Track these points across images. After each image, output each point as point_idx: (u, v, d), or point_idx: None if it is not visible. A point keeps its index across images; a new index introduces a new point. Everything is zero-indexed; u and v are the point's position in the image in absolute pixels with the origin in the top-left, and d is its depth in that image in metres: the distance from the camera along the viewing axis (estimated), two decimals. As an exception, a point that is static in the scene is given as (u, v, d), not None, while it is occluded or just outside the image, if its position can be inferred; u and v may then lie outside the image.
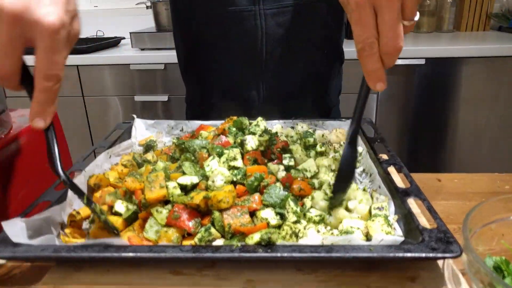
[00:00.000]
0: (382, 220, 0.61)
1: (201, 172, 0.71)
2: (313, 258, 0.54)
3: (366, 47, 0.53)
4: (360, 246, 0.55)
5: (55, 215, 0.66)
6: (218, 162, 0.72)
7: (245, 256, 0.55)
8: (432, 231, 0.57)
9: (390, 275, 0.56)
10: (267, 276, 0.57)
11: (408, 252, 0.54)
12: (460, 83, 2.32)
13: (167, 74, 2.42)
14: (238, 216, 0.61)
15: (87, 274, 0.59)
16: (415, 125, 2.44)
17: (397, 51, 0.53)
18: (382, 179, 0.76)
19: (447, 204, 0.87)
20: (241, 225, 0.60)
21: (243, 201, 0.64)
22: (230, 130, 0.83)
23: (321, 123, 1.05)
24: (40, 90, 0.53)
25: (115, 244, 0.56)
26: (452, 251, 0.53)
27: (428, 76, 2.32)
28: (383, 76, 0.55)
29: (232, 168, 0.72)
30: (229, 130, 0.83)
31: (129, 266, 0.60)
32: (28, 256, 0.56)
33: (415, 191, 0.68)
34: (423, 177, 1.00)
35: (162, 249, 0.56)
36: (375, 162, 0.83)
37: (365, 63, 0.55)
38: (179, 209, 0.62)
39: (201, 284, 0.56)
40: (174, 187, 0.67)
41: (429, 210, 0.63)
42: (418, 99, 2.38)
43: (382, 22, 0.52)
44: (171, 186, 0.67)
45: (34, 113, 0.54)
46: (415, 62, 2.26)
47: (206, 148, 0.78)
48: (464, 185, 0.96)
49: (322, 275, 0.57)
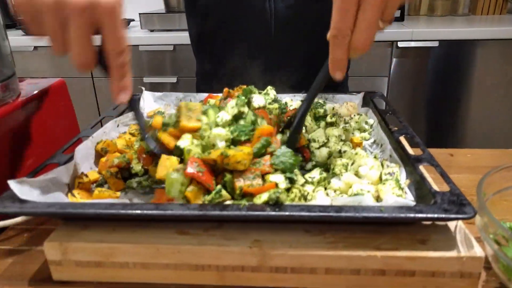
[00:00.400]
0: (393, 183, 0.59)
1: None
2: (322, 217, 0.53)
3: (339, 36, 0.53)
4: (370, 207, 0.54)
5: (62, 176, 0.66)
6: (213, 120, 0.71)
7: (253, 214, 0.54)
8: (445, 193, 0.56)
9: (400, 237, 0.55)
10: (274, 236, 0.56)
11: (420, 212, 0.52)
12: (474, 67, 2.27)
13: (176, 56, 2.41)
14: (251, 179, 0.60)
15: (93, 232, 0.59)
16: (426, 108, 2.40)
17: (365, 49, 0.53)
18: (393, 149, 0.75)
19: (459, 177, 0.85)
20: (250, 185, 0.58)
21: (253, 163, 0.63)
22: (238, 97, 0.82)
23: (332, 97, 1.04)
24: (117, 67, 0.57)
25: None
26: (466, 213, 0.52)
27: (442, 59, 2.27)
28: (345, 67, 0.57)
29: (239, 116, 0.71)
30: (237, 97, 0.82)
31: (135, 226, 0.59)
32: (35, 211, 0.56)
33: (428, 158, 0.67)
34: (434, 152, 0.97)
35: (168, 207, 0.55)
36: (386, 132, 0.81)
37: (333, 51, 0.56)
38: (199, 163, 0.60)
39: (207, 243, 0.55)
40: (206, 123, 0.66)
41: (442, 175, 0.61)
42: (431, 82, 2.33)
43: (363, 18, 0.51)
44: (204, 121, 0.66)
45: (116, 89, 0.59)
46: (428, 44, 2.22)
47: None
48: (476, 160, 0.94)
49: (331, 237, 0.56)
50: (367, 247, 0.54)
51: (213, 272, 0.57)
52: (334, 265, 0.54)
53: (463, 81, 2.30)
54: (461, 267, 0.53)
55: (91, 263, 0.58)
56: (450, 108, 2.37)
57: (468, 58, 2.25)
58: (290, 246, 0.55)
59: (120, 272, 0.58)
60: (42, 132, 0.86)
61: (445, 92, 2.33)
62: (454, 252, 0.52)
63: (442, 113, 2.39)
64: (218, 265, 0.56)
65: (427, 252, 0.53)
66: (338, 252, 0.54)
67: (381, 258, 0.53)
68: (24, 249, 0.68)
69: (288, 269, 0.55)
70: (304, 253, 0.54)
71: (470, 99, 2.32)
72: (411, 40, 2.21)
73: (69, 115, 0.97)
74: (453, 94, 2.34)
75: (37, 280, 0.61)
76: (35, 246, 0.68)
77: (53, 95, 0.90)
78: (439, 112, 2.39)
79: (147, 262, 0.57)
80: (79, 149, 0.74)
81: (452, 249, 0.53)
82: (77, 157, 0.72)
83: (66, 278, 0.60)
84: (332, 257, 0.54)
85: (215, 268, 0.56)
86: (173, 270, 0.57)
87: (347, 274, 0.55)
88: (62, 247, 0.57)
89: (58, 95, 0.92)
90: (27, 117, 0.83)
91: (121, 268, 0.58)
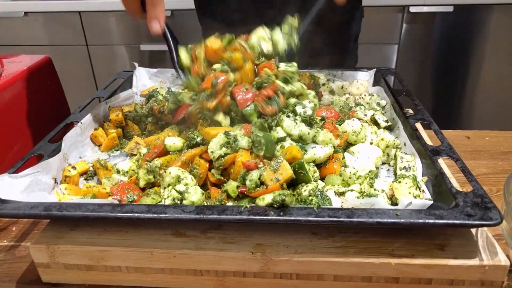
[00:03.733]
0: (410, 182, 0.54)
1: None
2: (331, 222, 0.48)
3: None
4: (385, 210, 0.48)
5: (48, 170, 0.61)
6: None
7: (254, 219, 0.49)
8: (467, 194, 0.50)
9: (416, 242, 0.50)
10: (278, 240, 0.52)
11: (440, 218, 0.47)
12: (488, 34, 2.14)
13: (175, 22, 2.28)
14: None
15: (83, 232, 0.54)
16: (437, 78, 2.30)
17: None
18: (408, 136, 0.68)
19: (477, 164, 0.80)
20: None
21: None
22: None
23: (340, 74, 0.96)
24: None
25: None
26: (491, 219, 0.46)
27: (456, 26, 2.14)
28: None
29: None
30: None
31: (127, 225, 0.55)
32: (17, 213, 0.51)
33: (447, 149, 0.60)
34: (450, 134, 0.91)
35: (162, 210, 0.50)
36: (400, 116, 0.74)
37: None
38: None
39: (205, 248, 0.51)
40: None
41: (463, 171, 0.55)
42: (442, 50, 2.22)
43: None
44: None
45: (149, 17, 0.65)
46: (442, 9, 2.08)
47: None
48: (495, 144, 0.87)
49: (340, 240, 0.51)
50: (380, 254, 0.49)
51: (212, 277, 0.53)
52: (343, 272, 0.50)
53: (475, 49, 2.18)
54: (482, 275, 0.48)
55: (81, 266, 0.54)
56: (461, 77, 2.27)
57: (483, 24, 2.12)
58: (296, 251, 0.50)
59: (113, 276, 0.54)
60: (27, 117, 0.79)
61: (457, 60, 2.22)
62: (476, 260, 0.48)
63: (453, 83, 2.29)
64: (217, 270, 0.52)
65: (446, 260, 0.48)
66: (348, 259, 0.49)
67: (395, 265, 0.48)
68: (11, 245, 0.63)
69: (293, 275, 0.51)
70: (311, 260, 0.49)
71: (481, 67, 2.22)
72: (424, 4, 2.07)
73: (57, 96, 0.90)
74: (465, 62, 2.23)
75: (25, 282, 0.57)
76: (24, 242, 0.64)
77: (38, 74, 0.83)
78: (449, 82, 2.29)
79: (140, 266, 0.53)
80: (67, 137, 0.68)
81: (474, 256, 0.48)
82: (65, 147, 0.66)
83: (56, 281, 0.56)
84: (342, 264, 0.49)
85: (214, 273, 0.52)
86: (169, 274, 0.53)
87: (358, 281, 0.50)
88: (50, 249, 0.53)
89: (44, 73, 0.85)
90: (9, 100, 0.76)
91: (113, 271, 0.54)
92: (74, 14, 2.28)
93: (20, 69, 0.79)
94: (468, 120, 2.40)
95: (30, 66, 0.81)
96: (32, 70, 0.82)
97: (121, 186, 0.59)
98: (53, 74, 0.88)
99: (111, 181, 0.63)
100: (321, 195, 0.52)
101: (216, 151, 0.58)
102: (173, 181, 0.58)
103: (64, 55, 2.37)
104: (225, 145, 0.59)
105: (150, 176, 0.60)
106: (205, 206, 0.51)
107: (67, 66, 2.35)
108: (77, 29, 2.34)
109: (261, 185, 0.54)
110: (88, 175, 0.66)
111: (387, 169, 0.67)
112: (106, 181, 0.63)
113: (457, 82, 2.33)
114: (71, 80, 2.24)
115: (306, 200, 0.52)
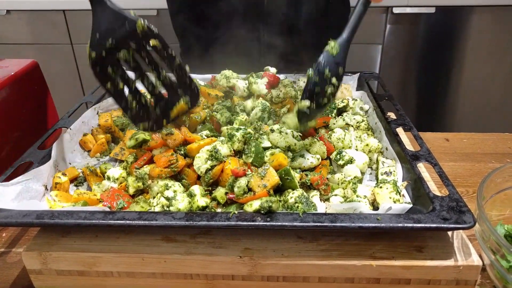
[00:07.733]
0: (391, 187, 0.56)
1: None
2: (316, 227, 0.50)
3: None
4: (367, 215, 0.51)
5: (38, 177, 0.61)
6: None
7: (242, 224, 0.51)
8: (443, 199, 0.53)
9: (396, 244, 0.53)
10: (265, 244, 0.54)
11: (418, 222, 0.50)
12: (469, 34, 2.20)
13: (160, 20, 2.27)
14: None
15: (75, 239, 0.55)
16: (419, 78, 2.35)
17: None
18: (389, 141, 0.71)
19: (455, 166, 0.83)
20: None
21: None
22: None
23: (325, 78, 0.98)
24: None
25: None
26: (465, 222, 0.49)
27: (438, 26, 2.19)
28: None
29: None
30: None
31: (118, 231, 0.56)
32: (9, 222, 0.52)
33: (426, 154, 0.64)
34: (430, 136, 0.95)
35: (152, 216, 0.52)
36: (382, 121, 0.77)
37: None
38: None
39: (195, 252, 0.53)
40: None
41: (440, 176, 0.59)
42: (425, 50, 2.27)
43: None
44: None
45: None
46: (424, 10, 2.13)
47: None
48: (473, 145, 0.91)
49: (324, 244, 0.54)
50: (362, 256, 0.52)
51: (202, 281, 0.54)
52: (327, 274, 0.52)
53: (457, 49, 2.24)
54: (457, 275, 0.51)
55: (73, 272, 0.55)
56: (444, 77, 2.32)
57: (464, 25, 2.18)
58: (282, 255, 0.52)
59: (105, 281, 0.56)
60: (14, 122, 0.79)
61: (440, 60, 2.28)
62: (452, 261, 0.51)
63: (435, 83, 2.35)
64: (207, 274, 0.54)
65: (424, 262, 0.51)
66: (332, 262, 0.51)
67: (376, 267, 0.51)
68: (2, 251, 0.64)
69: (280, 278, 0.53)
70: (297, 263, 0.52)
71: (463, 68, 2.28)
72: (407, 6, 2.11)
73: (44, 101, 0.90)
74: (448, 63, 2.28)
75: (17, 288, 0.58)
76: (15, 248, 0.65)
77: (25, 79, 0.83)
78: (432, 82, 2.35)
79: (132, 271, 0.54)
80: (57, 143, 0.68)
81: (450, 257, 0.51)
82: (55, 153, 0.67)
83: (48, 286, 0.57)
84: (326, 266, 0.52)
85: (204, 277, 0.54)
86: (160, 279, 0.55)
87: (341, 282, 0.53)
88: (42, 256, 0.54)
89: (31, 78, 0.84)
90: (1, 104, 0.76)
91: (105, 276, 0.55)
92: (59, 12, 2.25)
93: (7, 74, 0.79)
94: (450, 117, 2.46)
95: (17, 72, 0.81)
96: (19, 76, 0.82)
97: (111, 192, 0.61)
98: (40, 79, 0.88)
99: (101, 187, 0.64)
100: (307, 202, 0.54)
101: (202, 165, 0.60)
102: (162, 189, 0.59)
103: (49, 54, 2.33)
104: (209, 158, 0.60)
105: (139, 183, 0.61)
106: (195, 213, 0.53)
107: (52, 65, 2.32)
108: (61, 27, 2.31)
109: (248, 192, 0.56)
110: (78, 181, 0.67)
111: (369, 173, 0.70)
112: (97, 187, 0.64)
113: (439, 81, 2.39)
114: (57, 80, 2.22)
115: (292, 207, 0.54)
